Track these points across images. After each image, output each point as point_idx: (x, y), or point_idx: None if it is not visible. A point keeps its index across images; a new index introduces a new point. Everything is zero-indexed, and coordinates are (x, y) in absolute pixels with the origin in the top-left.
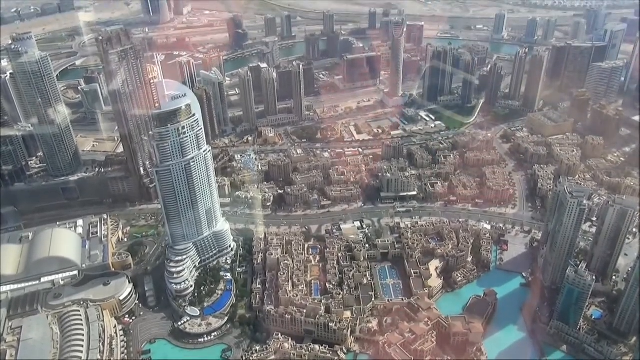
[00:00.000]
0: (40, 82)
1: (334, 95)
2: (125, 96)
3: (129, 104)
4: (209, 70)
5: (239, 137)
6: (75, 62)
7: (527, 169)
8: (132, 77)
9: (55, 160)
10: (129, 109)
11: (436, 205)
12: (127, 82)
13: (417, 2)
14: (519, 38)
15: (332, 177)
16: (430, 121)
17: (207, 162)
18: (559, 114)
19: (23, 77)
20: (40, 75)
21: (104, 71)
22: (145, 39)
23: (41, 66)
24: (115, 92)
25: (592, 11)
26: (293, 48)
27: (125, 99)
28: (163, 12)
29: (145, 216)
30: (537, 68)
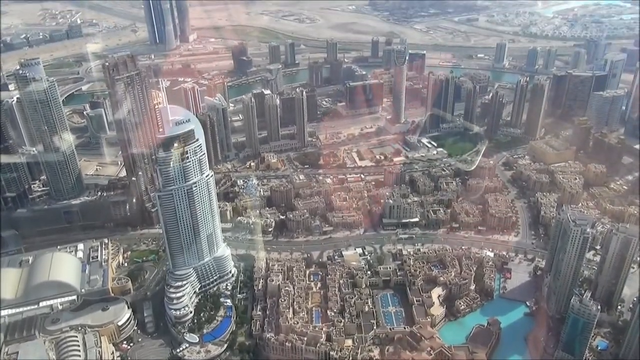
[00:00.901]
0: (47, 110)
1: (336, 121)
2: (130, 121)
3: (133, 129)
4: (213, 96)
5: (241, 162)
6: (82, 88)
7: (529, 196)
8: (136, 102)
9: (58, 184)
10: (132, 133)
11: (438, 232)
12: (132, 108)
13: (418, 32)
14: (519, 67)
15: (334, 203)
16: (432, 148)
17: (209, 187)
18: (561, 141)
19: (30, 104)
20: (47, 103)
21: (109, 96)
22: (151, 65)
23: (48, 94)
24: (119, 116)
25: (592, 41)
26: (296, 75)
27: (130, 124)
28: (169, 39)
29: (146, 241)
30: (538, 96)
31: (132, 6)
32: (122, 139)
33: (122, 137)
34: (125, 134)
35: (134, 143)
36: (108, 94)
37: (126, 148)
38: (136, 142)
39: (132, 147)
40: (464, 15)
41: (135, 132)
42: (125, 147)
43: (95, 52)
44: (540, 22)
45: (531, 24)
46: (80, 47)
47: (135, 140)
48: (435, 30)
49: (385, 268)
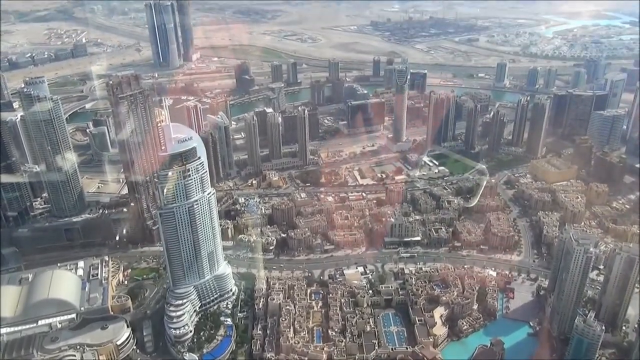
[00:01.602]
0: (51, 129)
1: (338, 140)
2: (132, 139)
3: (135, 147)
4: (215, 115)
5: (243, 180)
6: (85, 106)
7: (531, 215)
8: (139, 120)
9: (60, 202)
10: (135, 151)
11: (440, 250)
12: (135, 126)
13: (420, 51)
14: (520, 86)
15: (335, 222)
16: (433, 166)
17: (210, 205)
18: (562, 160)
19: (34, 124)
20: (51, 123)
21: (112, 114)
22: (154, 84)
23: (53, 114)
24: (122, 134)
25: (591, 61)
26: (298, 94)
27: (132, 142)
28: (173, 58)
29: (147, 258)
30: (539, 115)
31: (136, 26)
32: (125, 157)
33: (124, 155)
34: (128, 151)
35: (136, 161)
36: (111, 112)
37: (128, 166)
38: (138, 159)
39: (134, 164)
40: (465, 35)
41: (138, 150)
42: (127, 164)
43: (99, 70)
44: (540, 43)
45: (531, 44)
46: (85, 65)
47: (137, 157)
48: (436, 50)
49: (387, 287)
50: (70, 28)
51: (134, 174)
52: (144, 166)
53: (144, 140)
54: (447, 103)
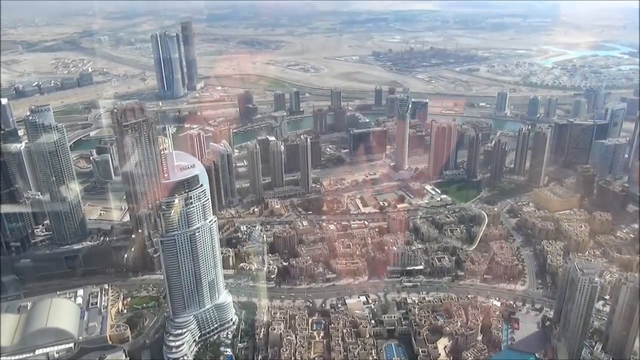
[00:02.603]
0: (56, 161)
1: (340, 168)
2: (135, 166)
3: (138, 174)
4: (218, 142)
5: (245, 208)
6: (90, 133)
7: (535, 244)
8: (143, 148)
9: (61, 229)
10: (137, 178)
11: (443, 280)
12: (138, 153)
13: (421, 81)
14: (521, 115)
15: (337, 250)
16: (436, 194)
17: (212, 232)
18: (565, 189)
19: (39, 155)
20: (56, 154)
21: (116, 142)
22: (158, 112)
23: (58, 145)
24: (125, 162)
25: (591, 91)
26: (301, 122)
27: (135, 169)
28: (177, 87)
29: (147, 287)
30: (540, 144)
31: (142, 56)
32: (127, 184)
33: (127, 182)
34: (131, 179)
35: (139, 188)
36: (115, 140)
37: (131, 193)
38: (141, 187)
39: (137, 192)
40: (465, 65)
41: (141, 178)
42: (130, 192)
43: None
44: (540, 73)
45: (531, 74)
46: (90, 94)
47: (140, 185)
48: (437, 79)
49: (390, 317)
50: (77, 58)
51: (137, 202)
52: (147, 193)
53: (147, 168)
54: (448, 132)
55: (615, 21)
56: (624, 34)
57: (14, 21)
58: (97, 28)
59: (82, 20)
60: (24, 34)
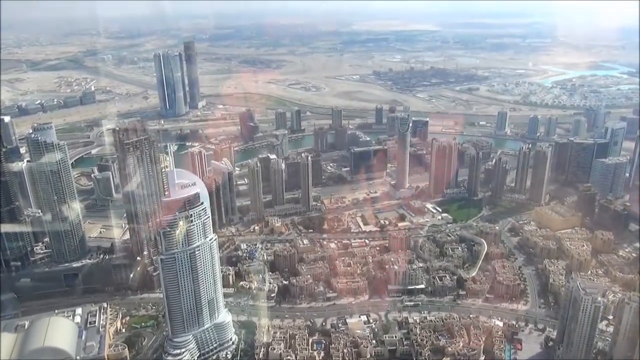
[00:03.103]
0: (57, 180)
1: (341, 186)
2: (136, 184)
3: (139, 192)
4: (219, 161)
5: (245, 226)
6: (91, 151)
7: (537, 263)
8: (144, 166)
9: (61, 248)
10: (138, 196)
11: (445, 299)
12: (139, 171)
13: (421, 100)
14: (521, 134)
15: (338, 269)
16: (437, 213)
17: (212, 251)
18: (566, 208)
19: (41, 175)
20: (58, 174)
21: (117, 160)
22: (160, 130)
23: (60, 165)
24: (126, 180)
25: (591, 110)
26: (302, 140)
27: (136, 187)
28: (179, 105)
29: (146, 305)
30: (541, 163)
31: (145, 75)
32: (128, 202)
33: (127, 200)
34: (131, 196)
35: (140, 206)
36: (117, 158)
37: (131, 211)
38: (142, 205)
39: (137, 210)
40: (465, 84)
41: (141, 195)
42: (130, 210)
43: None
44: (539, 92)
45: (531, 94)
46: (93, 112)
47: (140, 203)
48: (437, 98)
49: (391, 337)
50: (80, 76)
51: (137, 219)
52: (147, 211)
53: (148, 186)
54: (449, 150)
55: (614, 41)
56: (622, 54)
57: (18, 40)
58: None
59: (86, 40)
60: (28, 53)
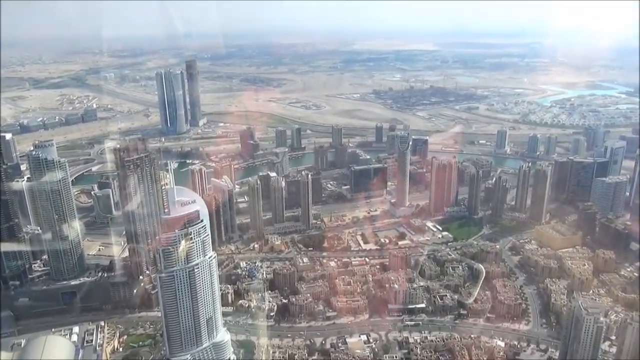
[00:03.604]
0: (58, 199)
1: (341, 204)
2: (136, 202)
3: (138, 210)
4: (220, 178)
5: (245, 244)
6: (92, 168)
7: (538, 282)
8: (144, 183)
9: (60, 265)
10: (138, 214)
11: (446, 319)
12: (139, 189)
13: (421, 118)
14: (521, 153)
15: (338, 287)
16: (437, 231)
17: (211, 269)
18: (567, 227)
19: (41, 193)
20: (58, 193)
21: (117, 177)
22: (160, 148)
23: (60, 184)
24: (126, 197)
25: (590, 129)
26: (302, 158)
27: (136, 205)
28: (180, 123)
29: (144, 324)
30: (541, 181)
31: (147, 93)
32: (128, 219)
33: (127, 218)
34: (131, 214)
35: (139, 224)
36: (117, 175)
37: (130, 228)
38: (141, 222)
39: (136, 227)
40: (465, 103)
41: (141, 213)
42: (129, 227)
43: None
44: (538, 111)
45: (530, 113)
46: (94, 130)
47: (140, 221)
48: (437, 117)
49: (391, 357)
50: (82, 94)
51: (136, 237)
52: (147, 229)
53: (147, 204)
54: (449, 169)
55: (611, 61)
56: (620, 74)
57: (22, 58)
58: (103, 65)
59: (89, 58)
60: (31, 71)
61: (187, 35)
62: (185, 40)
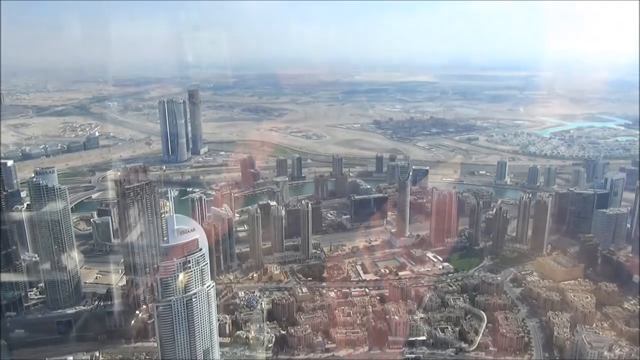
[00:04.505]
0: (57, 229)
1: (341, 234)
2: (135, 230)
3: (137, 237)
4: (220, 207)
5: (244, 273)
6: (92, 196)
7: (540, 315)
8: (144, 211)
9: (56, 293)
10: (137, 242)
11: (447, 352)
12: (139, 216)
13: (421, 149)
14: (521, 184)
15: (337, 319)
16: (437, 262)
17: (209, 298)
18: (569, 258)
19: (41, 223)
20: (58, 224)
21: (117, 205)
22: (161, 176)
23: (60, 215)
24: (125, 225)
25: (590, 161)
26: (302, 188)
27: (135, 233)
28: (181, 151)
29: (139, 355)
30: (542, 213)
31: (149, 121)
32: (126, 247)
33: (125, 245)
34: (130, 242)
35: (138, 252)
36: (117, 203)
37: (129, 256)
38: (140, 251)
39: (135, 255)
40: (464, 134)
41: (140, 241)
42: (127, 255)
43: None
44: (538, 143)
45: (529, 144)
46: (96, 157)
47: (139, 249)
48: (437, 147)
49: None
50: (85, 122)
51: (134, 265)
52: (145, 257)
53: (146, 231)
54: (449, 199)
55: (609, 94)
56: (618, 107)
57: (27, 86)
58: (107, 94)
59: (93, 87)
60: (35, 99)
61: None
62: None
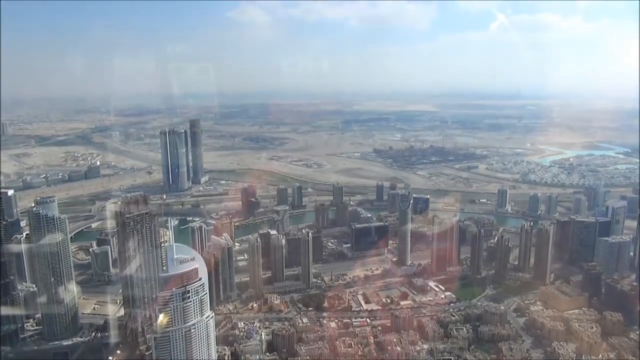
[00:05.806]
0: (56, 261)
1: (341, 263)
2: (134, 260)
3: (136, 267)
4: (220, 236)
5: (243, 303)
6: (91, 225)
7: (545, 345)
8: (144, 241)
9: (53, 325)
10: (136, 272)
11: None
12: (138, 246)
13: (421, 177)
14: (522, 212)
15: (338, 350)
16: (439, 291)
17: (208, 329)
18: (572, 287)
19: (40, 255)
20: (57, 256)
21: (117, 234)
22: (162, 205)
23: (60, 247)
24: (124, 255)
25: (590, 189)
26: (303, 217)
27: (134, 262)
28: (182, 180)
29: None
30: (544, 241)
31: (150, 150)
32: (125, 277)
33: (124, 275)
34: (128, 272)
35: (137, 282)
36: (116, 232)
37: (127, 286)
38: (139, 281)
39: (133, 286)
40: (465, 163)
41: (139, 271)
42: (126, 285)
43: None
44: (538, 171)
45: (530, 172)
46: (96, 186)
47: (137, 279)
48: (437, 176)
49: None
50: (87, 152)
51: (133, 295)
52: (144, 287)
53: (146, 261)
54: (450, 227)
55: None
56: (617, 135)
57: (29, 117)
58: (109, 124)
59: (96, 117)
60: (38, 129)
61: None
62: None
